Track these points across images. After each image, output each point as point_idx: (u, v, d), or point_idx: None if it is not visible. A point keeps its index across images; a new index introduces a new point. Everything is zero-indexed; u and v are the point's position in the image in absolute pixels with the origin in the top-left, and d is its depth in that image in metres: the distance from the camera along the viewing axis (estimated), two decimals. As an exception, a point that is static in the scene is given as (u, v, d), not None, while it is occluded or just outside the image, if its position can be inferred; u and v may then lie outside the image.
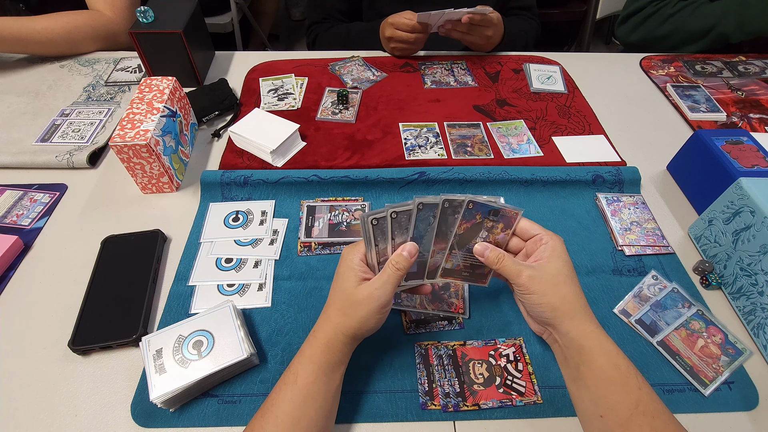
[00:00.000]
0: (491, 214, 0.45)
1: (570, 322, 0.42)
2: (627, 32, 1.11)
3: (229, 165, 0.73)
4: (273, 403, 0.41)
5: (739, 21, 0.94)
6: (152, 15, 0.81)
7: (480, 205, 0.44)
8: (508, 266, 0.44)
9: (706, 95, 0.88)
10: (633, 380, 0.39)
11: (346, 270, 0.45)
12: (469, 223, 0.45)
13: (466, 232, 0.46)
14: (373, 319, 0.43)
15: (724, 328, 0.53)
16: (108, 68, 0.93)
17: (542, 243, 0.45)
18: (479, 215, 0.45)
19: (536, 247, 0.45)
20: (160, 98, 0.67)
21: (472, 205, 0.44)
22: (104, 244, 0.60)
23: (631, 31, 1.10)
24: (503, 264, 0.44)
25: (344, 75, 0.92)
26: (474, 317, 0.55)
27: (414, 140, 0.78)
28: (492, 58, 0.98)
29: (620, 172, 0.70)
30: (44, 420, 0.46)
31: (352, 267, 0.45)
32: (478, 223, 0.45)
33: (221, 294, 0.57)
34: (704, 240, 0.61)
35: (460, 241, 0.46)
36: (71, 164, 0.72)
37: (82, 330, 0.51)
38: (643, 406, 0.38)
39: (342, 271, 0.45)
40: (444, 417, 0.47)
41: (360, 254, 0.46)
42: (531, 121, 0.82)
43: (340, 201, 0.68)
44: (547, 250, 0.44)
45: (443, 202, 0.43)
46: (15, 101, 0.85)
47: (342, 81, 0.91)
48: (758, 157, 0.63)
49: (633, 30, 1.09)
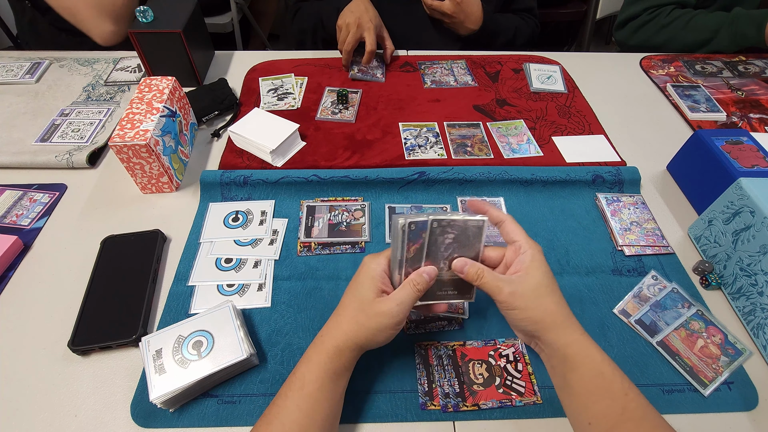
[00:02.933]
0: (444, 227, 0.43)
1: (554, 332, 0.42)
2: (625, 37, 1.12)
3: (228, 165, 0.73)
4: (279, 410, 0.41)
5: (732, 39, 0.96)
6: (152, 15, 0.80)
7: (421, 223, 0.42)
8: (488, 282, 0.43)
9: (706, 95, 0.88)
10: (618, 387, 0.39)
11: (367, 279, 0.44)
12: (417, 244, 0.43)
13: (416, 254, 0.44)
14: (386, 333, 0.43)
15: (723, 329, 0.53)
16: (107, 68, 0.93)
17: (521, 252, 0.44)
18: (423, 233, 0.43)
19: (515, 257, 0.44)
20: (160, 98, 0.67)
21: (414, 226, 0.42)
22: (104, 244, 0.60)
23: (629, 36, 1.11)
24: (483, 280, 0.43)
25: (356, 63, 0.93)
26: (473, 318, 0.55)
27: (414, 140, 0.78)
28: (492, 58, 0.98)
29: (620, 172, 0.70)
30: (44, 420, 0.46)
31: (374, 277, 0.44)
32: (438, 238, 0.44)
33: (221, 294, 0.57)
34: (704, 240, 0.61)
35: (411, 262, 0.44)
36: (71, 164, 0.72)
37: (81, 330, 0.51)
38: (629, 412, 0.38)
39: (362, 280, 0.44)
40: (444, 417, 0.47)
41: (383, 264, 0.45)
42: (531, 121, 0.82)
43: (339, 201, 0.68)
44: (526, 260, 0.43)
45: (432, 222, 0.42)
46: (15, 101, 0.85)
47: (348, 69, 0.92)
48: (758, 157, 0.63)
49: (630, 35, 1.10)
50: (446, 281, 0.46)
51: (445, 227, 0.43)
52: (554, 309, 0.42)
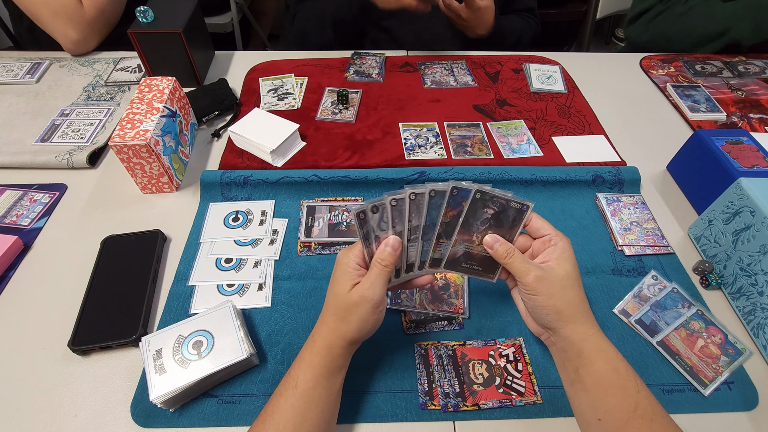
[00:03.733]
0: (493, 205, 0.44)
1: (572, 325, 0.42)
2: (639, 32, 1.08)
3: (228, 165, 0.73)
4: (274, 409, 0.41)
5: (757, 25, 0.92)
6: (152, 15, 0.80)
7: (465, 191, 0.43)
8: (516, 263, 0.43)
9: (706, 95, 0.88)
10: (632, 383, 0.39)
11: (341, 274, 0.44)
12: (455, 211, 0.44)
13: (452, 220, 0.44)
14: (370, 320, 0.43)
15: (723, 328, 0.53)
16: (108, 68, 0.93)
17: (551, 244, 0.44)
18: (464, 201, 0.43)
19: (544, 248, 0.44)
20: (160, 98, 0.67)
21: (456, 191, 0.42)
22: (104, 244, 0.60)
23: (642, 30, 1.07)
24: (512, 260, 0.43)
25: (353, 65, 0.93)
26: (474, 317, 0.55)
27: (414, 140, 0.78)
28: (492, 58, 0.98)
29: (620, 172, 0.70)
30: (44, 420, 0.46)
31: (347, 270, 0.44)
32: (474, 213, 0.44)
33: (221, 294, 0.57)
34: (704, 240, 0.61)
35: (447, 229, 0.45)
36: (71, 164, 0.72)
37: (82, 330, 0.51)
38: (641, 410, 0.38)
39: (337, 276, 0.44)
40: (444, 417, 0.47)
41: (356, 256, 0.44)
42: (531, 121, 0.82)
43: (340, 201, 0.68)
44: (557, 252, 0.43)
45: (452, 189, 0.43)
46: (15, 101, 0.85)
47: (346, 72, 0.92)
48: (758, 157, 0.63)
49: (644, 29, 1.06)
50: (474, 255, 0.46)
51: (487, 201, 0.43)
52: (577, 302, 0.42)
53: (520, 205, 0.44)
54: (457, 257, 0.46)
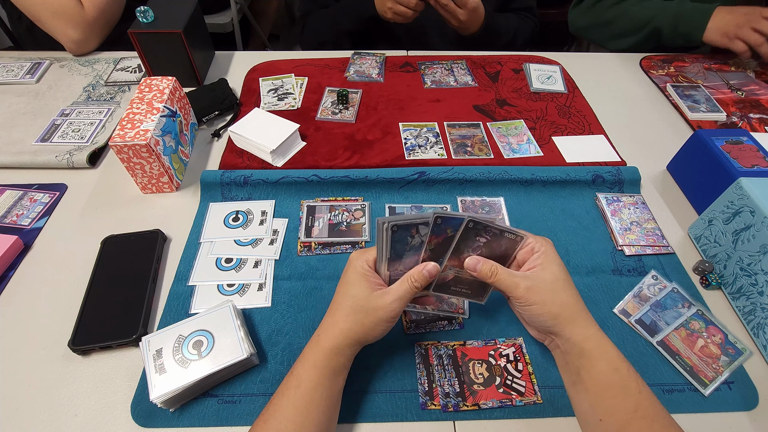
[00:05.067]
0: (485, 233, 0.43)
1: (571, 327, 0.42)
2: (577, 16, 1.10)
3: (229, 165, 0.73)
4: (276, 408, 0.41)
5: (675, 17, 0.93)
6: (152, 15, 0.80)
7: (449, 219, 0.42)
8: (503, 279, 0.43)
9: (706, 95, 0.88)
10: (633, 384, 0.39)
11: (357, 276, 0.44)
12: (439, 238, 0.43)
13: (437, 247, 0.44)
14: (382, 327, 0.43)
15: (724, 328, 0.53)
16: (108, 68, 0.93)
17: (534, 251, 0.44)
18: (449, 229, 0.43)
19: (528, 256, 0.44)
20: (160, 98, 0.67)
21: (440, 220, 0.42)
22: (104, 244, 0.60)
23: (580, 15, 1.09)
24: (498, 277, 0.43)
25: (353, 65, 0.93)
26: (474, 317, 0.55)
27: (414, 140, 0.78)
28: (492, 58, 0.98)
29: (620, 172, 0.70)
30: (44, 420, 0.46)
31: (364, 273, 0.44)
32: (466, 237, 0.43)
33: (221, 294, 0.57)
34: (704, 240, 0.61)
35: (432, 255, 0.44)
36: (71, 164, 0.72)
37: (82, 330, 0.51)
38: (642, 410, 0.38)
39: (353, 278, 0.44)
40: (444, 417, 0.47)
41: (368, 261, 0.45)
42: (531, 121, 0.82)
43: (340, 201, 0.68)
44: (540, 257, 0.43)
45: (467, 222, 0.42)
46: (15, 101, 0.85)
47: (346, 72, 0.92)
48: (758, 157, 0.63)
49: (582, 14, 1.08)
50: (463, 279, 0.46)
51: (480, 230, 0.43)
52: (572, 302, 0.42)
53: (514, 235, 0.44)
54: (447, 281, 0.47)
